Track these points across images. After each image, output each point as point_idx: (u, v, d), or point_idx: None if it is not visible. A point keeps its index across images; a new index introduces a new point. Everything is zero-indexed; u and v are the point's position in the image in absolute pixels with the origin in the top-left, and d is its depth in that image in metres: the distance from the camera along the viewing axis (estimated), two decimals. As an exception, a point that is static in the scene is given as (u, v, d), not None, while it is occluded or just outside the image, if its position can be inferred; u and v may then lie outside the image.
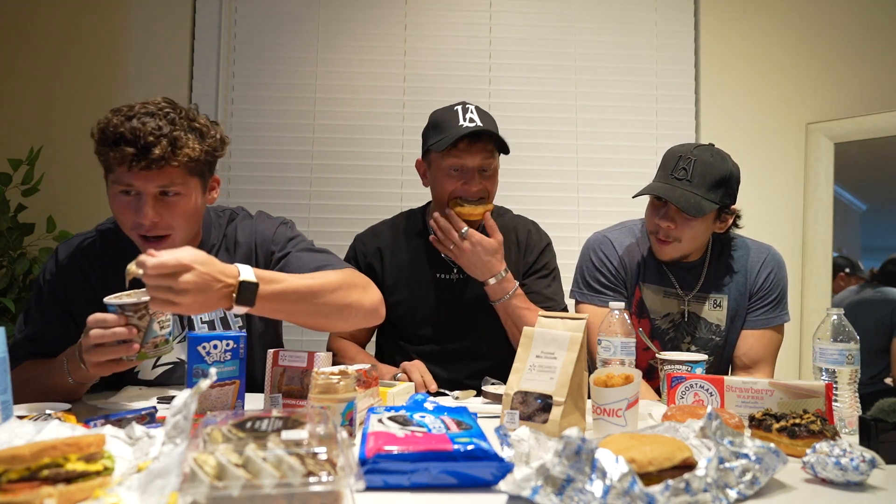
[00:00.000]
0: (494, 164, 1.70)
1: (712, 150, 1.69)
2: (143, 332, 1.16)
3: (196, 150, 1.30)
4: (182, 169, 1.30)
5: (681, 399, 1.34)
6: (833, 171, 2.74)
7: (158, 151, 1.24)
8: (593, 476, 0.76)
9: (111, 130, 1.26)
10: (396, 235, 1.81)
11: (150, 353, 1.18)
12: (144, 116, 1.26)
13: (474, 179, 1.66)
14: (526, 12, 2.82)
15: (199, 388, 0.82)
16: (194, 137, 1.30)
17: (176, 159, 1.26)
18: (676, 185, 1.62)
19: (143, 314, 1.16)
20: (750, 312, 1.78)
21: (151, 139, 1.24)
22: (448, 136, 1.62)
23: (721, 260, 1.80)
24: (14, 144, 2.55)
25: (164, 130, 1.25)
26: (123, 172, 1.27)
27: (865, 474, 0.89)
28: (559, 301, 1.81)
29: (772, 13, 2.85)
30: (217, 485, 0.67)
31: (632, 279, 1.77)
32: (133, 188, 1.29)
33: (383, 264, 1.77)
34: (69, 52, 2.66)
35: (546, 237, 1.86)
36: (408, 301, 1.75)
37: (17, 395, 1.06)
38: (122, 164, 1.25)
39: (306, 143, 2.74)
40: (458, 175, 1.67)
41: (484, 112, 1.71)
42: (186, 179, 1.32)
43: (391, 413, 1.07)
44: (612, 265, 1.76)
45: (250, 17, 2.75)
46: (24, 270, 2.30)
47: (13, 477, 0.71)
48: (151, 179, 1.27)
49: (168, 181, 1.29)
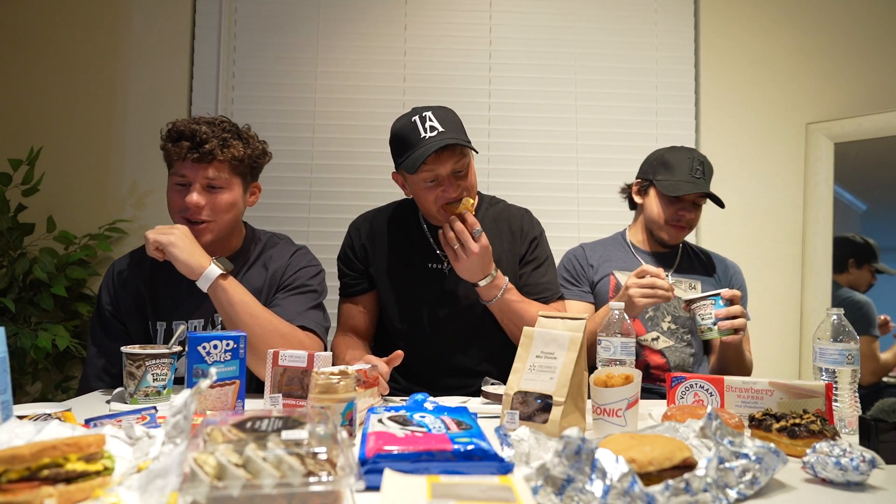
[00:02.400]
0: (466, 162, 1.65)
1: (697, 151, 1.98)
2: (137, 380, 1.33)
3: (241, 152, 1.55)
4: (227, 165, 1.55)
5: (681, 399, 1.34)
6: (833, 171, 2.74)
7: (209, 147, 1.50)
8: (593, 476, 0.76)
9: (175, 130, 1.54)
10: (389, 223, 1.82)
11: (140, 400, 1.33)
12: (204, 123, 1.54)
13: (452, 185, 1.63)
14: (526, 12, 2.82)
15: (199, 388, 0.82)
16: (241, 143, 1.57)
17: (223, 155, 1.52)
18: (703, 183, 1.88)
19: (140, 365, 1.33)
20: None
21: (205, 136, 1.51)
22: (415, 157, 1.58)
23: (689, 250, 2.05)
24: (14, 144, 2.55)
25: (216, 132, 1.53)
26: (180, 164, 1.53)
27: (865, 474, 0.89)
28: (555, 289, 1.82)
29: (772, 13, 2.85)
30: (217, 485, 0.67)
31: (603, 272, 1.96)
32: (186, 178, 1.53)
33: (375, 250, 1.78)
34: (70, 52, 2.66)
35: (539, 225, 1.86)
36: (398, 289, 1.75)
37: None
38: (179, 157, 1.51)
39: (306, 143, 2.74)
40: (434, 185, 1.64)
41: (443, 114, 1.65)
42: (231, 176, 1.56)
43: (391, 413, 1.07)
44: (576, 264, 2.00)
45: (250, 17, 2.75)
46: (24, 270, 2.29)
47: (13, 477, 0.71)
48: (201, 170, 1.52)
49: (214, 174, 1.53)
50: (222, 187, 1.55)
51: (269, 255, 1.68)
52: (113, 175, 2.65)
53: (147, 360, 1.33)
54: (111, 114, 2.66)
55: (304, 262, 1.68)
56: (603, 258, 1.99)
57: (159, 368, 1.34)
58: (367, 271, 1.79)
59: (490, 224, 1.80)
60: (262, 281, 1.62)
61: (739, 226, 2.78)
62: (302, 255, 1.70)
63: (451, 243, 1.59)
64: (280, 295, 1.61)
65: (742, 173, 2.81)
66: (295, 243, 1.76)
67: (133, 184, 2.65)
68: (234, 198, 1.57)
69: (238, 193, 1.59)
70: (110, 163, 2.65)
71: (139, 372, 1.33)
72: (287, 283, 1.63)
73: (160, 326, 1.58)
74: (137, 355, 1.33)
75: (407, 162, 1.60)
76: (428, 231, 1.78)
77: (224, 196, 1.55)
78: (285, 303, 1.59)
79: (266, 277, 1.63)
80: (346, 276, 1.81)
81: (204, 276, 1.43)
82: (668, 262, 1.98)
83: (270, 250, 1.69)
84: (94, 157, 2.65)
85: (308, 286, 1.63)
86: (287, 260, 1.67)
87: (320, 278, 1.69)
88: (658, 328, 1.88)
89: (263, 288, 1.62)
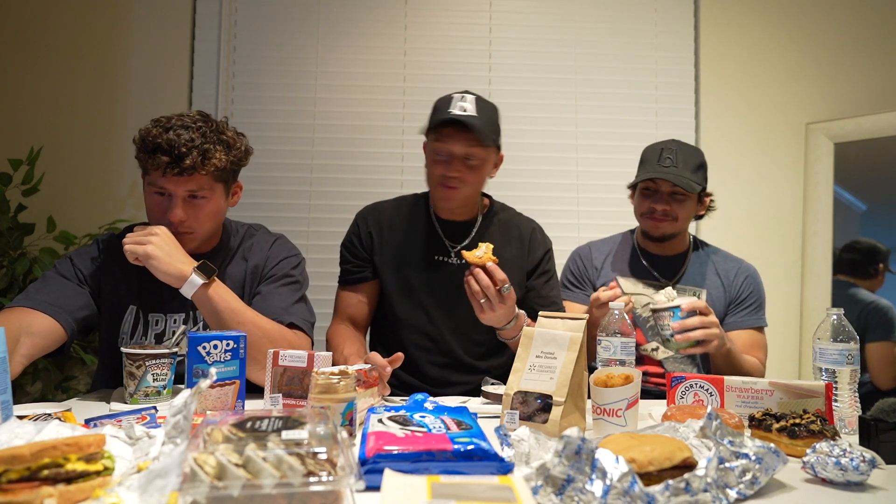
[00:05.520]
0: (481, 154, 1.66)
1: (684, 143, 1.89)
2: (137, 380, 1.33)
3: (223, 161, 1.47)
4: (209, 176, 1.46)
5: (681, 399, 1.34)
6: (833, 171, 2.74)
7: (189, 161, 1.41)
8: (593, 476, 0.76)
9: (150, 140, 1.42)
10: (398, 213, 1.82)
11: (140, 400, 1.33)
12: (180, 129, 1.43)
13: (453, 165, 1.65)
14: (526, 12, 2.82)
15: (199, 388, 0.82)
16: (222, 149, 1.47)
17: (204, 168, 1.43)
18: (668, 170, 1.79)
19: (140, 365, 1.33)
20: (730, 315, 1.87)
21: (184, 150, 1.41)
22: (433, 121, 1.66)
23: (700, 257, 1.95)
24: (14, 144, 2.55)
25: (195, 143, 1.42)
26: (158, 177, 1.44)
27: (865, 474, 0.89)
28: (559, 304, 1.84)
29: (772, 13, 2.85)
30: (217, 485, 0.67)
31: (605, 276, 1.93)
32: (166, 190, 1.46)
33: (382, 239, 1.78)
34: (69, 52, 2.66)
35: (549, 240, 1.88)
36: (403, 279, 1.75)
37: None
38: (158, 170, 1.42)
39: (306, 143, 2.74)
40: (442, 160, 1.67)
41: (484, 103, 1.68)
42: (213, 185, 1.49)
43: (391, 413, 1.07)
44: (581, 265, 1.98)
45: (250, 17, 2.75)
46: (24, 270, 2.29)
47: (13, 477, 0.71)
48: (182, 184, 1.44)
49: (196, 186, 1.45)
50: (205, 197, 1.48)
51: (248, 245, 1.65)
52: (113, 175, 2.65)
53: (147, 360, 1.33)
54: (111, 114, 2.66)
55: (285, 251, 1.66)
56: (608, 260, 1.95)
57: (159, 368, 1.34)
58: (371, 259, 1.78)
59: (498, 228, 1.81)
60: (242, 273, 1.60)
61: (739, 226, 2.78)
62: (282, 245, 1.68)
63: (475, 296, 1.51)
64: (263, 287, 1.59)
65: (742, 173, 2.81)
66: (272, 232, 1.72)
67: (133, 184, 2.65)
68: (217, 206, 1.52)
69: (221, 199, 1.53)
70: (110, 163, 2.65)
71: (139, 372, 1.32)
72: (270, 275, 1.61)
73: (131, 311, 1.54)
74: (137, 355, 1.33)
75: (427, 125, 1.68)
76: (437, 222, 1.78)
77: (207, 206, 1.49)
78: (270, 297, 1.56)
79: (247, 269, 1.61)
80: (348, 263, 1.80)
81: (188, 284, 1.38)
82: (675, 268, 1.91)
83: (249, 240, 1.66)
84: (94, 157, 2.65)
85: (291, 276, 1.61)
86: (267, 251, 1.64)
87: (302, 268, 1.67)
88: (658, 338, 1.81)
89: (245, 280, 1.60)
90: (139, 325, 1.53)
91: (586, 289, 1.94)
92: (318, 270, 2.34)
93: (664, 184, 1.81)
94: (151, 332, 1.53)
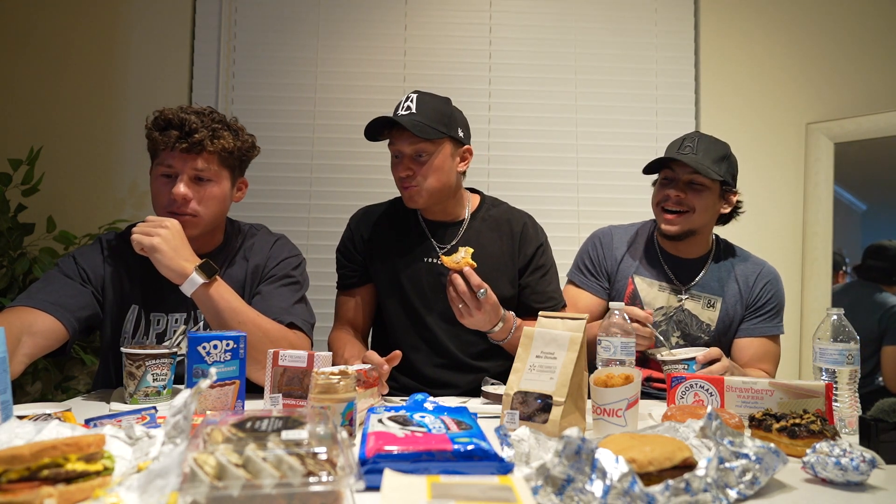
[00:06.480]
0: (429, 149, 1.64)
1: (709, 135, 1.83)
2: (137, 380, 1.33)
3: (230, 144, 1.51)
4: (217, 157, 1.50)
5: (681, 399, 1.34)
6: (833, 171, 2.74)
7: (199, 136, 1.46)
8: (593, 476, 0.76)
9: (163, 117, 1.48)
10: (388, 217, 1.82)
11: (140, 400, 1.33)
12: (192, 113, 1.49)
13: (404, 164, 1.66)
14: (526, 12, 2.82)
15: (199, 388, 0.82)
16: (230, 134, 1.53)
17: (213, 146, 1.48)
18: (685, 155, 1.73)
19: (140, 365, 1.33)
20: (744, 321, 1.83)
21: (194, 126, 1.46)
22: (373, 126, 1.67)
23: (721, 263, 1.87)
24: (14, 144, 2.55)
25: (205, 122, 1.49)
26: (167, 154, 1.47)
27: (865, 474, 0.89)
28: (559, 298, 1.81)
29: (772, 13, 2.85)
30: (217, 485, 0.67)
31: (624, 271, 1.87)
32: (173, 169, 1.48)
33: (374, 242, 1.78)
34: (69, 52, 2.66)
35: (542, 233, 1.84)
36: (396, 282, 1.75)
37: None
38: (167, 147, 1.46)
39: (306, 143, 2.74)
40: (397, 162, 1.69)
41: (429, 98, 1.67)
42: (220, 168, 1.52)
43: (391, 413, 1.07)
44: (601, 253, 1.91)
45: (250, 17, 2.75)
46: (24, 270, 2.29)
47: (13, 477, 0.71)
48: (189, 161, 1.47)
49: (204, 165, 1.49)
50: (211, 179, 1.50)
51: (249, 245, 1.65)
52: (113, 175, 2.65)
53: (147, 360, 1.33)
54: (111, 114, 2.66)
55: (286, 252, 1.66)
56: (628, 253, 1.89)
57: (159, 368, 1.34)
58: (365, 263, 1.79)
59: (490, 225, 1.79)
60: (243, 273, 1.60)
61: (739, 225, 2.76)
62: (282, 245, 1.68)
63: (454, 302, 1.52)
64: (263, 287, 1.59)
65: (742, 173, 2.80)
66: (273, 232, 1.73)
67: (133, 184, 2.65)
68: (222, 191, 1.53)
69: (226, 187, 1.55)
70: (110, 163, 2.65)
71: (139, 372, 1.33)
72: (270, 275, 1.61)
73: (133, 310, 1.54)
74: (137, 355, 1.33)
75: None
76: (425, 224, 1.78)
77: (212, 188, 1.51)
78: (270, 297, 1.56)
79: (248, 269, 1.61)
80: (344, 268, 1.81)
81: (188, 282, 1.38)
82: (692, 272, 1.84)
83: (250, 240, 1.66)
84: (94, 157, 2.65)
85: (291, 277, 1.62)
86: (268, 251, 1.65)
87: (302, 268, 1.68)
88: (668, 343, 1.81)
89: (246, 280, 1.60)
90: (141, 325, 1.53)
91: (601, 279, 1.89)
92: (318, 271, 2.34)
93: (682, 171, 1.74)
94: (153, 332, 1.53)
